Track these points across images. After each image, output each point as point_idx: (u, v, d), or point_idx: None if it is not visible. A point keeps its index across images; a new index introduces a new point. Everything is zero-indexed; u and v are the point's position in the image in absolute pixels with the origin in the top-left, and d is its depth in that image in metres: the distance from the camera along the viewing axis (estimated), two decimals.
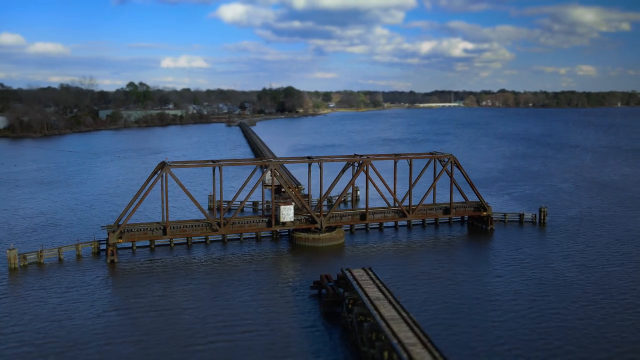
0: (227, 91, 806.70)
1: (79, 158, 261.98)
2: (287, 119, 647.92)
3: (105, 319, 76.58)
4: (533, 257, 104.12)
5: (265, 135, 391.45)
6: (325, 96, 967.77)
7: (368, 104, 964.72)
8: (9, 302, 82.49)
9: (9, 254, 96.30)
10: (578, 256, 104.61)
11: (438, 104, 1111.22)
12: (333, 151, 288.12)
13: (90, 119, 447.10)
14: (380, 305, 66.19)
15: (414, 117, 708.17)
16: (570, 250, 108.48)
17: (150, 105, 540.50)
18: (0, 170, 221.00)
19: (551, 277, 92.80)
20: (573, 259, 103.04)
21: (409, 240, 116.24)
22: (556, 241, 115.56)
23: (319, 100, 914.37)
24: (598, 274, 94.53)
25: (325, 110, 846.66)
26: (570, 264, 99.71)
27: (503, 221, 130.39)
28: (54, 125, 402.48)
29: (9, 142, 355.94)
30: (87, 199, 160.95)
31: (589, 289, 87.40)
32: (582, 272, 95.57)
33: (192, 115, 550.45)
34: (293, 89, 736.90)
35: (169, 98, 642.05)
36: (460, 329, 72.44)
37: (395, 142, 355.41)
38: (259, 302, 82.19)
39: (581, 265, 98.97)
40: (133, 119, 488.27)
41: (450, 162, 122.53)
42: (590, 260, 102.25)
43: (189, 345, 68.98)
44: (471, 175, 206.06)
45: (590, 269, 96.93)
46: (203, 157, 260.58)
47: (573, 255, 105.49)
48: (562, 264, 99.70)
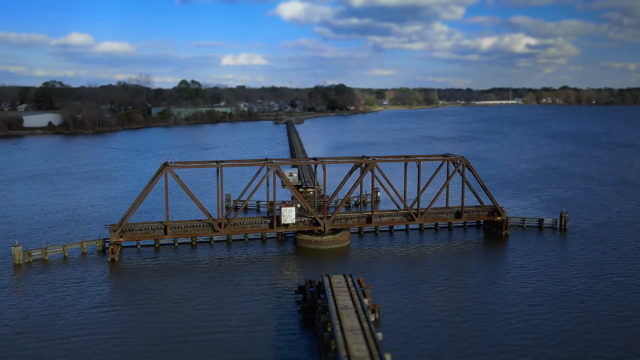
0: (280, 88, 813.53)
1: (120, 155, 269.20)
2: (337, 116, 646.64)
3: (86, 315, 78.12)
4: (541, 265, 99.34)
5: (308, 134, 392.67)
6: (378, 93, 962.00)
7: (421, 101, 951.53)
8: (3, 296, 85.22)
9: (13, 250, 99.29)
10: (591, 266, 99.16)
11: (495, 102, 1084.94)
12: (369, 149, 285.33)
13: (141, 116, 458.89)
14: (344, 315, 64.39)
15: (466, 115, 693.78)
16: (585, 259, 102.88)
17: (201, 103, 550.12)
18: (44, 166, 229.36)
19: (554, 289, 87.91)
20: (584, 268, 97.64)
21: (417, 245, 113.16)
22: (573, 249, 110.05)
23: (372, 97, 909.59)
24: (607, 284, 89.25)
25: (378, 107, 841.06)
26: (580, 274, 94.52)
27: (521, 226, 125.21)
28: (105, 122, 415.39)
29: (63, 138, 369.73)
30: (115, 195, 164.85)
31: (591, 299, 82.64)
32: (590, 283, 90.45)
33: (242, 113, 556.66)
34: (344, 87, 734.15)
35: (221, 96, 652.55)
36: (435, 345, 69.75)
37: (439, 140, 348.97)
38: (242, 304, 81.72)
39: (591, 275, 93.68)
40: (183, 116, 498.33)
41: (462, 165, 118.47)
42: (602, 269, 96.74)
43: (157, 344, 69.38)
44: (503, 176, 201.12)
45: (601, 279, 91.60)
46: (238, 154, 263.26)
47: (586, 264, 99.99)
48: (569, 274, 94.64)
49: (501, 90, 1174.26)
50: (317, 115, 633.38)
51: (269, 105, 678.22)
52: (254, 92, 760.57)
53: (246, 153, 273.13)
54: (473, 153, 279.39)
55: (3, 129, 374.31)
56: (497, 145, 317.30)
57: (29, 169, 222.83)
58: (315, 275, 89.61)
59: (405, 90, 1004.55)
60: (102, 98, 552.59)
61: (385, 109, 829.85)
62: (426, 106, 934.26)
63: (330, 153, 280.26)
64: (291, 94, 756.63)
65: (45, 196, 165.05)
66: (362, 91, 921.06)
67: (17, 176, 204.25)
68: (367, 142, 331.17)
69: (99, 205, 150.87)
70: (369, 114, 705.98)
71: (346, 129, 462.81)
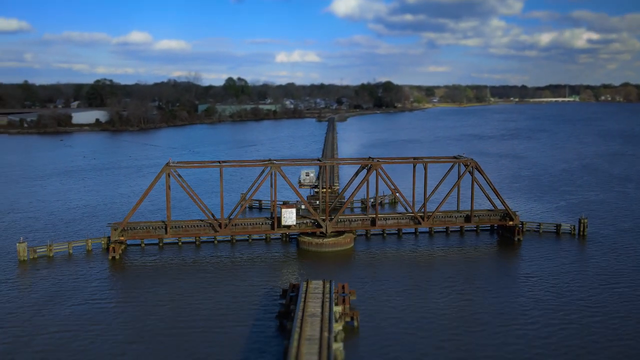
0: (328, 86, 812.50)
1: (156, 152, 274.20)
2: (383, 114, 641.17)
3: (71, 310, 79.99)
4: (547, 273, 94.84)
5: (347, 132, 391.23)
6: (428, 91, 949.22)
7: (472, 99, 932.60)
8: None
9: (18, 247, 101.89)
10: (599, 275, 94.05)
11: (550, 99, 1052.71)
12: (403, 147, 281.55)
13: (186, 113, 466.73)
14: (308, 323, 62.92)
15: (517, 113, 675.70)
16: (596, 268, 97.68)
17: (246, 100, 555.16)
18: (81, 162, 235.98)
19: (557, 301, 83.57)
20: (591, 278, 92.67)
21: (423, 249, 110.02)
22: (586, 257, 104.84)
23: (422, 95, 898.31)
24: (611, 295, 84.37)
25: (427, 105, 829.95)
26: (585, 284, 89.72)
27: (537, 231, 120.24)
28: (150, 119, 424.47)
29: (108, 135, 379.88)
30: (140, 192, 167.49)
31: (592, 312, 78.24)
32: (594, 293, 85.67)
33: (286, 110, 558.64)
34: (392, 84, 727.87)
35: (268, 93, 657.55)
36: (411, 358, 67.36)
37: (479, 138, 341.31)
38: (228, 305, 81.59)
39: (596, 286, 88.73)
40: (227, 114, 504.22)
41: (471, 167, 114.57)
42: (611, 279, 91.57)
43: (131, 342, 70.07)
44: (535, 177, 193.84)
45: (605, 290, 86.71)
46: (269, 151, 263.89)
47: (595, 274, 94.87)
48: (574, 284, 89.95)
49: (557, 87, 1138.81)
50: (363, 113, 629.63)
51: (315, 102, 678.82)
52: (304, 89, 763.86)
53: (279, 150, 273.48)
54: (511, 152, 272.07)
55: (53, 125, 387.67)
56: (539, 144, 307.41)
57: (66, 165, 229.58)
58: (311, 278, 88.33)
59: (456, 87, 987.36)
60: (151, 95, 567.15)
61: (434, 107, 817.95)
62: (476, 104, 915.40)
63: (362, 151, 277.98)
64: (339, 92, 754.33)
65: (71, 192, 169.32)
66: (412, 88, 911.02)
67: (54, 172, 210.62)
68: (403, 140, 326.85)
69: (120, 202, 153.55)
70: (416, 112, 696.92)
71: (388, 127, 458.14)
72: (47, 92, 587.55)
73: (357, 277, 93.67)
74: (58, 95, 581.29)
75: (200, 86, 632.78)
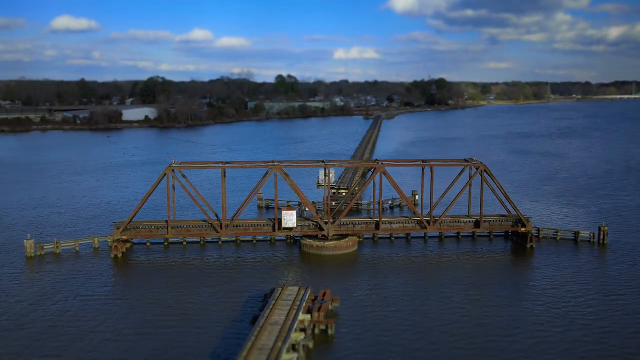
0: (381, 82, 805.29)
1: (195, 149, 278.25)
2: (434, 111, 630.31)
3: (60, 305, 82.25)
4: (552, 284, 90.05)
5: (391, 129, 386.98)
6: (483, 88, 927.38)
7: (529, 96, 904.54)
8: None
9: (25, 243, 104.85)
10: (606, 285, 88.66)
11: (614, 96, 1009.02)
12: (441, 146, 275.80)
13: (233, 111, 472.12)
14: (266, 331, 61.69)
15: (575, 111, 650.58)
16: (608, 280, 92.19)
17: (294, 97, 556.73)
18: (120, 159, 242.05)
19: (554, 313, 79.47)
20: (597, 291, 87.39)
21: (429, 254, 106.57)
22: (599, 267, 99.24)
23: (477, 92, 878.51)
24: (615, 309, 79.24)
25: (481, 102, 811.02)
26: (591, 298, 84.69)
27: (554, 238, 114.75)
28: (197, 116, 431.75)
29: (155, 131, 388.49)
30: (163, 188, 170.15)
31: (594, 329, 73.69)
32: (598, 307, 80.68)
33: (334, 108, 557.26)
34: (445, 81, 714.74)
35: (318, 90, 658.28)
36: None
37: (526, 137, 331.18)
38: (211, 306, 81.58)
39: (601, 300, 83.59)
40: (275, 111, 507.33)
41: (480, 171, 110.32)
42: (620, 292, 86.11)
43: (106, 339, 71.21)
44: (571, 179, 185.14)
45: (607, 303, 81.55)
46: (304, 149, 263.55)
47: (604, 285, 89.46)
48: (580, 298, 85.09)
49: (624, 83, 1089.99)
50: (412, 111, 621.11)
51: (366, 100, 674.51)
52: (356, 85, 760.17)
53: (311, 148, 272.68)
54: (555, 151, 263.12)
55: (104, 122, 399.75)
56: (588, 144, 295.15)
57: (105, 161, 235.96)
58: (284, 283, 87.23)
59: (515, 84, 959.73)
60: (203, 92, 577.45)
61: (488, 104, 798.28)
62: (534, 101, 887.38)
63: (399, 149, 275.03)
64: (391, 89, 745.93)
65: (101, 188, 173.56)
66: (467, 85, 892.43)
67: (92, 168, 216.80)
68: (444, 138, 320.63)
69: (156, 197, 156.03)
70: (469, 110, 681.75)
71: (435, 124, 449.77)
72: (106, 89, 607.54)
73: (351, 283, 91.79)
74: (115, 92, 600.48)
75: (253, 83, 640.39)
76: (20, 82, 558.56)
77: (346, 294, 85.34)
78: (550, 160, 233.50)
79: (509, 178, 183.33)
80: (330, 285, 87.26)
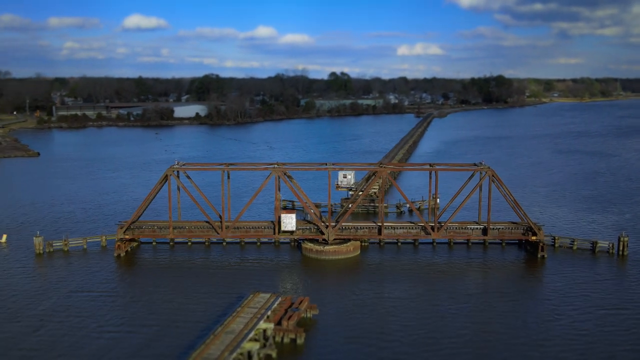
0: (440, 79, 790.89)
1: (235, 146, 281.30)
2: (490, 110, 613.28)
3: (53, 300, 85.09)
4: (555, 301, 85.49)
5: (440, 129, 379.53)
6: (547, 84, 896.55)
7: (596, 93, 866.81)
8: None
9: (35, 240, 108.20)
10: (617, 297, 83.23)
11: None
12: (482, 145, 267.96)
13: (283, 108, 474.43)
14: (218, 339, 60.94)
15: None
16: (621, 296, 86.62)
17: (344, 95, 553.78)
18: (161, 156, 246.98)
19: (563, 338, 75.20)
20: (609, 309, 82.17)
21: (434, 262, 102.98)
22: (616, 281, 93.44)
23: (540, 89, 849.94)
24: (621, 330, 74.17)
25: (543, 99, 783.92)
26: (601, 318, 79.74)
27: (571, 248, 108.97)
28: (247, 114, 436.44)
29: (205, 129, 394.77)
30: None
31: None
32: (602, 326, 75.87)
33: (386, 105, 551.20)
34: (504, 78, 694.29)
35: (373, 87, 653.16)
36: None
37: (578, 136, 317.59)
38: (192, 305, 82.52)
39: (609, 318, 78.55)
40: (325, 108, 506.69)
41: (487, 176, 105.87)
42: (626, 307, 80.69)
43: (87, 336, 72.37)
44: (611, 184, 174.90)
45: (610, 319, 76.49)
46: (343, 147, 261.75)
47: (616, 302, 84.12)
48: (585, 315, 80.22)
49: None
50: (468, 109, 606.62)
51: (421, 97, 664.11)
52: (414, 83, 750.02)
53: (350, 147, 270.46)
54: (606, 151, 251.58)
55: (156, 119, 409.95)
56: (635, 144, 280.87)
57: (146, 158, 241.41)
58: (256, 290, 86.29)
59: (584, 80, 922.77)
60: (257, 89, 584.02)
61: (550, 102, 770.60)
62: (602, 98, 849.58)
63: (440, 148, 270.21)
64: (448, 86, 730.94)
65: (132, 186, 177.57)
66: (530, 82, 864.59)
67: (132, 165, 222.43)
68: (491, 137, 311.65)
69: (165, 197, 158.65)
70: (528, 108, 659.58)
71: (487, 123, 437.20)
72: (165, 86, 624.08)
73: (339, 290, 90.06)
74: (174, 89, 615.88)
75: (307, 79, 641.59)
76: (83, 79, 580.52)
77: (329, 301, 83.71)
78: (596, 162, 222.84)
79: (543, 180, 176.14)
80: (317, 291, 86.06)
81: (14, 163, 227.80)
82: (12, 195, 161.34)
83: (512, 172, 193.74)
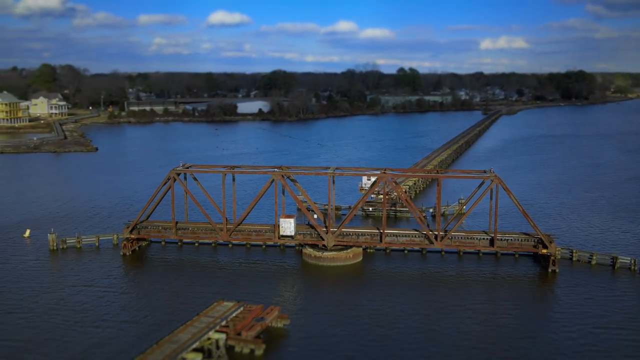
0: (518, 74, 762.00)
1: (287, 143, 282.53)
2: (567, 106, 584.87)
3: (51, 295, 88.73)
4: (562, 321, 80.00)
5: (505, 127, 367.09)
6: (636, 80, 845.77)
7: None
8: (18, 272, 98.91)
9: (49, 237, 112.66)
10: (622, 316, 76.88)
11: None
12: (545, 144, 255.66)
13: (347, 104, 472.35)
14: (159, 349, 60.80)
15: None
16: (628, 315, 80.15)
17: (409, 91, 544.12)
18: (212, 152, 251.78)
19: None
20: (614, 331, 76.06)
21: (437, 272, 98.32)
22: (631, 301, 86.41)
23: (628, 84, 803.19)
24: None
25: (630, 95, 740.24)
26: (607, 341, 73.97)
27: (589, 262, 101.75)
28: (309, 110, 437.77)
29: (266, 125, 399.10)
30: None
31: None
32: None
33: (454, 102, 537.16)
34: (585, 73, 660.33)
35: (442, 82, 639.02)
36: None
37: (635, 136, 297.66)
38: (170, 309, 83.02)
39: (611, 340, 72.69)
40: (391, 105, 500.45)
41: (494, 185, 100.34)
42: None
43: (81, 329, 74.46)
44: None
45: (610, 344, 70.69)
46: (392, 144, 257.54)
47: (625, 323, 77.79)
48: (591, 337, 74.68)
49: None
50: (543, 105, 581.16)
51: (494, 93, 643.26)
52: (486, 78, 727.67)
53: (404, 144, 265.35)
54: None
55: (219, 114, 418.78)
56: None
57: (196, 155, 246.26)
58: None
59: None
60: (326, 85, 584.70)
61: (638, 98, 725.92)
62: None
63: (497, 146, 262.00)
64: (524, 82, 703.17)
65: None
66: (617, 77, 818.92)
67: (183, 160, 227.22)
68: (552, 136, 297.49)
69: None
70: (610, 104, 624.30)
71: (558, 122, 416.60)
72: (236, 81, 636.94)
73: (320, 299, 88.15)
74: (244, 85, 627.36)
75: (378, 74, 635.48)
76: (156, 75, 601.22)
77: (304, 311, 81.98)
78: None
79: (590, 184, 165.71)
80: (294, 300, 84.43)
81: (71, 158, 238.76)
82: (54, 190, 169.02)
83: (560, 176, 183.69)
